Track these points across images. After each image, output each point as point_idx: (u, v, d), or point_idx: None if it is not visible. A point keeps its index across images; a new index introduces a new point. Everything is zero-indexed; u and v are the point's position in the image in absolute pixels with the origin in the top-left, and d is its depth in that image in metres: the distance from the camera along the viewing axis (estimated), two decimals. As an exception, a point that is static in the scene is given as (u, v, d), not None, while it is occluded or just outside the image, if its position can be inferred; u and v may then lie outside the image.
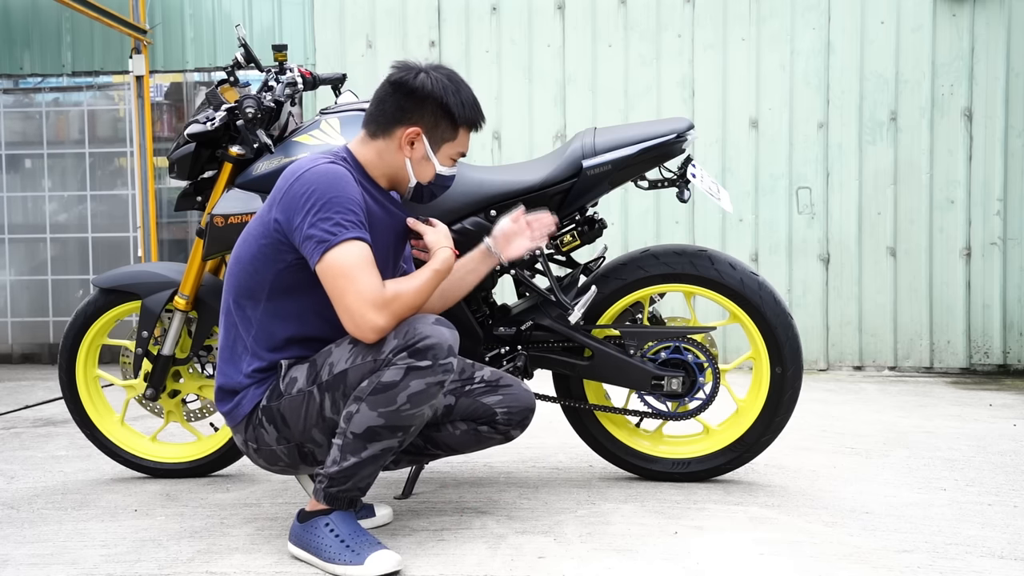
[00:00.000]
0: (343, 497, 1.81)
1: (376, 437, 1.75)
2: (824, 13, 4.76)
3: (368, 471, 1.79)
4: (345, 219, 1.76)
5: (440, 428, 2.03)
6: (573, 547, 1.92)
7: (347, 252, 1.74)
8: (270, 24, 5.17)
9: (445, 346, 1.74)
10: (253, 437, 1.89)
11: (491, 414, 2.01)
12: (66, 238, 5.33)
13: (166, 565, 1.84)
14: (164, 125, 5.28)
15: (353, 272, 1.74)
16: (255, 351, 1.88)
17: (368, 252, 1.77)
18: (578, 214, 2.37)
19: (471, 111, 1.92)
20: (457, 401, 2.01)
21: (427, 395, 1.75)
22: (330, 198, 1.76)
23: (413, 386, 1.72)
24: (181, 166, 2.40)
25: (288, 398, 1.83)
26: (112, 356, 4.57)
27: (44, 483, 2.55)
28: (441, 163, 1.93)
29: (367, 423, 1.73)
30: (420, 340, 1.73)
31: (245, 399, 1.88)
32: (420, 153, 1.90)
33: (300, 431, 1.84)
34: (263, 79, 2.45)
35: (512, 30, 4.97)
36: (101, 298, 2.50)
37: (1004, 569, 1.78)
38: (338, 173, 1.81)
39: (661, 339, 2.37)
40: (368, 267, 1.75)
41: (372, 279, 1.75)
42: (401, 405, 1.73)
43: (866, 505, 2.21)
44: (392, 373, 1.72)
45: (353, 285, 1.74)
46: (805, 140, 4.79)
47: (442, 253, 1.89)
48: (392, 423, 1.74)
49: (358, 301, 1.74)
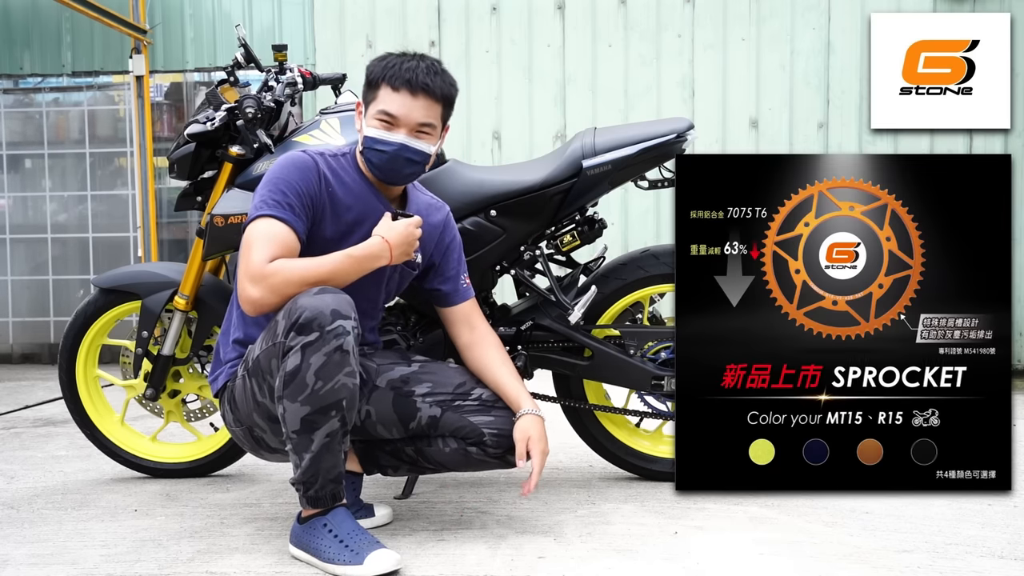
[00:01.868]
0: (324, 495, 1.80)
1: (314, 425, 1.74)
2: (824, 13, 4.77)
3: (329, 461, 1.78)
4: (272, 198, 1.83)
5: (430, 442, 1.98)
6: (573, 547, 1.92)
7: (255, 227, 1.82)
8: (270, 24, 5.17)
9: (327, 312, 1.70)
10: (223, 414, 1.99)
11: (478, 435, 1.93)
12: (66, 238, 5.32)
13: (166, 565, 1.84)
14: (164, 125, 5.28)
15: (249, 243, 1.81)
16: (239, 321, 1.96)
17: (277, 228, 1.81)
18: (578, 214, 2.37)
19: (388, 69, 1.88)
20: (443, 414, 1.94)
21: (332, 365, 1.72)
22: (270, 179, 1.87)
23: (314, 362, 1.71)
24: (181, 166, 2.40)
25: (236, 382, 1.90)
26: (112, 356, 4.54)
27: (44, 483, 2.55)
28: (367, 125, 1.90)
29: (298, 415, 1.74)
30: (300, 315, 1.71)
31: (221, 375, 1.98)
32: (361, 124, 1.94)
33: (246, 415, 1.90)
34: (263, 79, 2.45)
35: (512, 30, 4.97)
36: (101, 298, 2.50)
37: (1004, 569, 1.78)
38: (293, 159, 1.90)
39: (661, 339, 2.37)
40: (264, 242, 1.79)
41: (260, 253, 1.78)
42: (314, 385, 1.71)
43: (866, 505, 2.21)
44: (292, 359, 1.72)
45: (245, 255, 1.80)
46: (805, 140, 4.79)
47: (372, 240, 1.85)
48: (318, 405, 1.73)
49: (242, 272, 1.80)
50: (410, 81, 1.87)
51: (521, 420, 1.93)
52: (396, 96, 1.87)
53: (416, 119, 1.89)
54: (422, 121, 1.89)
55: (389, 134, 1.88)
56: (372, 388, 1.95)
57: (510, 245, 2.33)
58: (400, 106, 1.87)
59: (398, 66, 1.88)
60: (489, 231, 2.30)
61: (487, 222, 2.30)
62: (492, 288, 2.42)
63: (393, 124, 1.88)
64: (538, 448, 1.90)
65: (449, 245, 2.09)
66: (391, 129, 1.88)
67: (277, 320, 1.77)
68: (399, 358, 2.03)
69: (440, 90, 1.90)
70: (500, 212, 2.30)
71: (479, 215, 2.30)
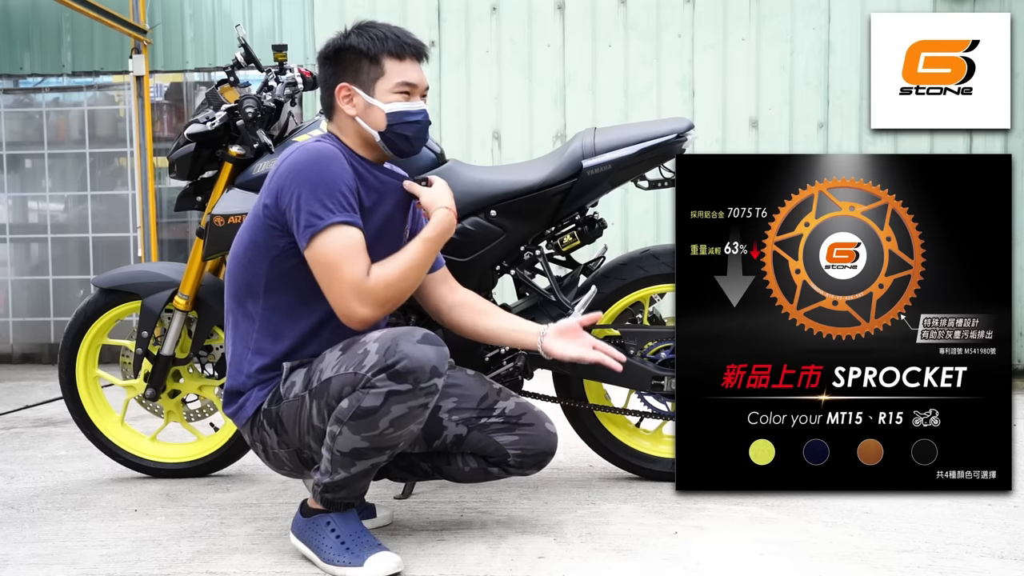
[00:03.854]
0: (339, 502, 1.80)
1: (363, 456, 1.72)
2: (824, 13, 4.77)
3: (360, 483, 1.79)
4: (331, 201, 1.72)
5: (450, 461, 1.95)
6: (573, 547, 1.92)
7: (332, 238, 1.72)
8: (270, 24, 5.17)
9: (428, 368, 1.66)
10: (259, 439, 1.86)
11: (503, 455, 1.91)
12: (66, 238, 5.33)
13: (166, 565, 1.84)
14: (164, 125, 5.28)
15: (337, 259, 1.71)
16: (259, 347, 1.83)
17: (355, 236, 1.73)
18: (578, 214, 2.37)
19: (384, 40, 1.84)
20: (469, 433, 1.90)
21: (410, 418, 1.69)
22: (316, 179, 1.73)
23: (395, 411, 1.66)
24: (181, 166, 2.40)
25: (286, 403, 1.79)
26: (112, 356, 4.55)
27: (44, 483, 2.55)
28: (384, 101, 1.83)
29: (352, 445, 1.70)
30: (400, 361, 1.65)
31: (248, 401, 1.85)
32: (362, 105, 1.84)
33: (297, 437, 1.80)
34: (263, 79, 2.45)
35: (512, 30, 4.97)
36: (101, 298, 2.50)
37: (1004, 569, 1.78)
38: (324, 151, 1.77)
39: (661, 339, 2.37)
40: (352, 253, 1.72)
41: (355, 267, 1.71)
42: (384, 430, 1.68)
43: (866, 505, 2.21)
44: (372, 399, 1.66)
45: (337, 273, 1.72)
46: (805, 140, 4.79)
47: (438, 215, 1.82)
48: (377, 445, 1.70)
49: (342, 290, 1.72)
50: (414, 47, 1.86)
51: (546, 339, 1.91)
52: (404, 65, 1.85)
53: (425, 84, 1.89)
54: (427, 85, 1.91)
55: (413, 104, 1.86)
56: None
57: (510, 245, 2.33)
58: (414, 73, 1.86)
59: (388, 35, 1.85)
60: (489, 231, 2.30)
61: (487, 222, 2.30)
62: (492, 288, 2.41)
63: (411, 94, 1.86)
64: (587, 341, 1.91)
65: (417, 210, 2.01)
66: (410, 98, 1.86)
67: (366, 350, 1.69)
68: None
69: (426, 51, 1.92)
70: (500, 212, 2.30)
71: (479, 215, 2.30)
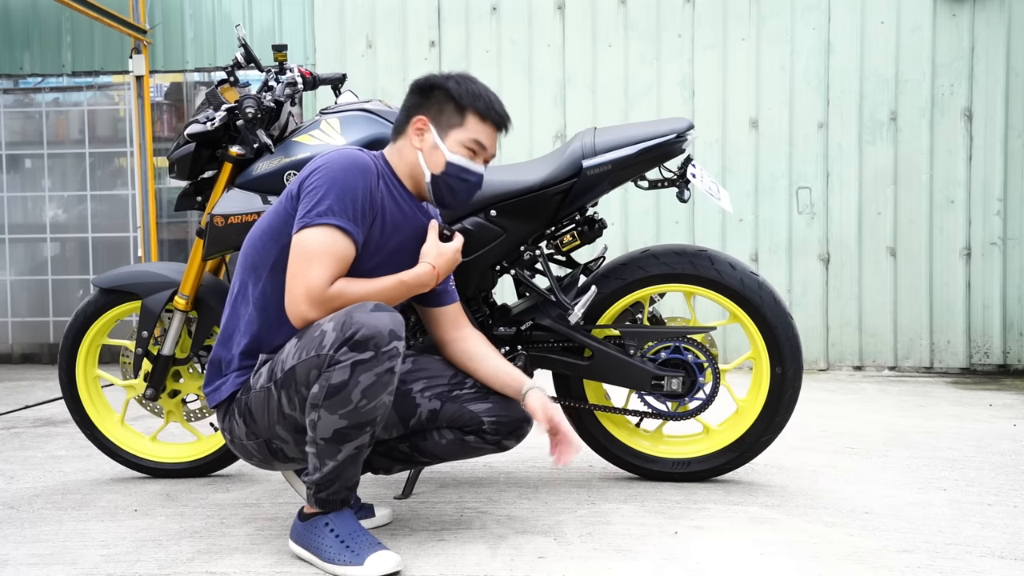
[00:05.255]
0: (334, 499, 1.80)
1: (345, 438, 1.73)
2: (824, 13, 4.77)
3: (351, 471, 1.78)
4: (338, 205, 1.76)
5: (426, 436, 1.97)
6: (573, 547, 1.92)
7: (318, 235, 1.75)
8: (270, 24, 5.17)
9: (385, 332, 1.69)
10: (228, 428, 1.90)
11: (478, 422, 1.92)
12: (66, 238, 5.33)
13: (166, 565, 1.84)
14: (164, 125, 5.29)
15: (311, 256, 1.75)
16: (248, 328, 1.88)
17: (341, 243, 1.77)
18: (578, 214, 2.37)
19: (479, 99, 1.90)
20: (443, 406, 1.93)
21: (379, 386, 1.71)
22: (337, 180, 1.78)
23: (363, 380, 1.69)
24: (181, 166, 2.40)
25: (254, 393, 1.83)
26: (112, 356, 4.57)
27: (44, 483, 2.55)
28: (450, 149, 1.89)
29: (332, 427, 1.72)
30: (358, 331, 1.68)
31: (225, 385, 1.89)
32: (430, 143, 1.89)
33: (266, 427, 1.84)
34: (263, 79, 2.45)
35: (512, 30, 4.97)
36: (101, 298, 2.50)
37: (1004, 569, 1.78)
38: (358, 159, 1.82)
39: (661, 339, 2.37)
40: (327, 258, 1.75)
41: (323, 271, 1.74)
42: (358, 402, 1.70)
43: (866, 505, 2.21)
44: (340, 373, 1.68)
45: (304, 268, 1.75)
46: (805, 140, 4.79)
47: (423, 267, 1.86)
48: (356, 421, 1.72)
49: (300, 287, 1.75)
50: (501, 116, 1.93)
51: (532, 394, 1.91)
52: (485, 127, 1.91)
53: (494, 152, 1.95)
54: (494, 154, 1.96)
55: (474, 164, 1.92)
56: None
57: (510, 245, 2.34)
58: (489, 138, 1.93)
59: (487, 97, 1.91)
60: (489, 231, 2.30)
61: (487, 222, 2.30)
62: (492, 288, 2.41)
63: (477, 154, 1.92)
64: (558, 416, 1.87)
65: None
66: (474, 158, 1.92)
67: (324, 331, 1.71)
68: None
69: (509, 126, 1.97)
70: (500, 212, 2.30)
71: (479, 215, 2.31)
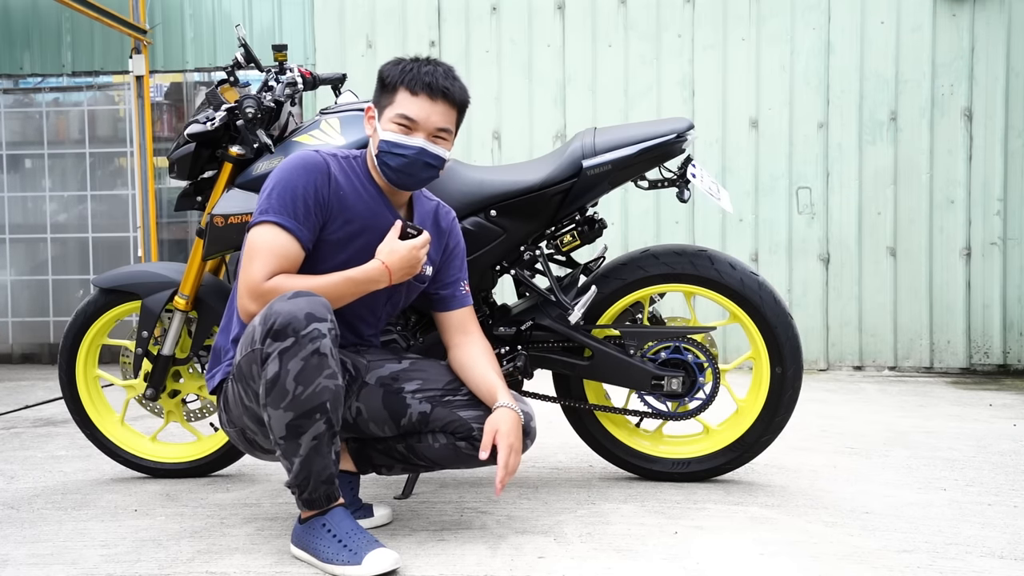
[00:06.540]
0: (318, 497, 1.80)
1: (299, 430, 1.73)
2: (824, 13, 4.77)
3: (319, 463, 1.77)
4: (280, 203, 1.84)
5: (420, 439, 1.97)
6: (573, 547, 1.92)
7: (260, 234, 1.84)
8: (270, 24, 5.17)
9: (301, 316, 1.69)
10: (221, 413, 1.97)
11: (467, 429, 1.91)
12: (66, 238, 5.33)
13: (166, 565, 1.84)
14: (164, 125, 5.29)
15: (251, 253, 1.84)
16: (239, 320, 1.93)
17: (280, 239, 1.83)
18: (578, 214, 2.37)
19: (406, 73, 1.88)
20: (433, 409, 1.93)
21: (310, 369, 1.70)
22: (280, 180, 1.87)
23: (292, 368, 1.69)
24: (181, 166, 2.40)
25: (228, 383, 1.90)
26: (112, 356, 4.57)
27: (44, 483, 2.55)
28: (383, 128, 1.90)
29: (283, 422, 1.73)
30: (275, 320, 1.70)
31: (218, 372, 1.95)
32: (372, 127, 1.94)
33: (237, 417, 1.90)
34: (263, 79, 2.45)
35: (512, 30, 4.97)
36: (101, 298, 2.50)
37: (1004, 569, 1.78)
38: (307, 159, 1.89)
39: (661, 339, 2.37)
40: (265, 253, 1.82)
41: (261, 266, 1.82)
42: (295, 391, 1.70)
43: (866, 505, 2.21)
44: (272, 366, 1.70)
45: (246, 265, 1.84)
46: (805, 140, 4.79)
47: (373, 264, 1.87)
48: (301, 410, 1.72)
49: (242, 283, 1.84)
50: (430, 85, 1.88)
51: (495, 412, 1.89)
52: (415, 100, 1.88)
53: (434, 123, 1.90)
54: (440, 126, 1.91)
55: (407, 138, 1.89)
56: (362, 385, 1.95)
57: (510, 245, 2.34)
58: (419, 110, 1.88)
59: (416, 70, 1.89)
60: (489, 231, 2.30)
61: (487, 222, 2.30)
62: (492, 288, 2.42)
63: (411, 128, 1.89)
64: (505, 442, 1.81)
65: (452, 251, 2.09)
66: (409, 133, 1.89)
67: (255, 326, 1.75)
68: (390, 355, 2.04)
69: (457, 96, 1.92)
70: (500, 212, 2.30)
71: (479, 215, 2.31)
